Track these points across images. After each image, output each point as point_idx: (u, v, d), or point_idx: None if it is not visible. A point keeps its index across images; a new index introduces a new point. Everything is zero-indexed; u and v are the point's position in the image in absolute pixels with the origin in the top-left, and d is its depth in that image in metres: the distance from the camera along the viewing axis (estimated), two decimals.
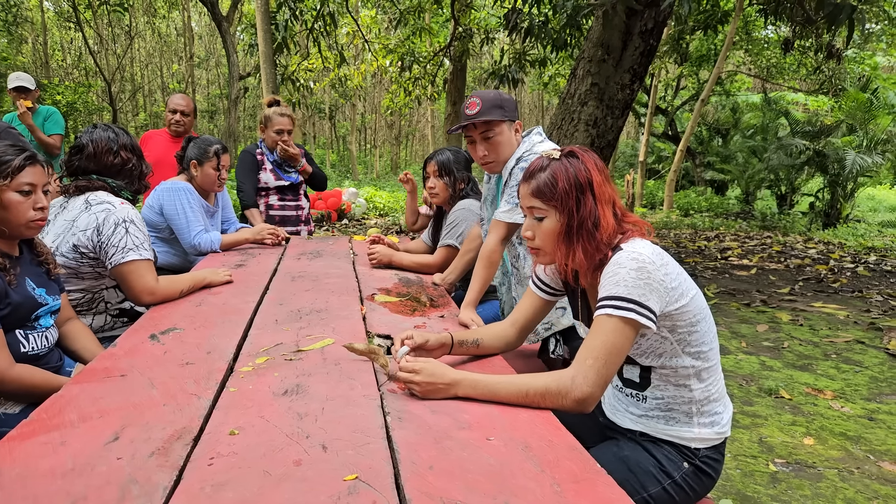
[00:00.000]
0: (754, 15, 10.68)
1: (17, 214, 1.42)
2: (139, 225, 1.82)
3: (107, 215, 1.77)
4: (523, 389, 1.14)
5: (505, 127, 1.88)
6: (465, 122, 1.87)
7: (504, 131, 1.88)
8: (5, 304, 1.40)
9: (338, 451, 0.94)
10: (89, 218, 1.78)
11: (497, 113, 1.85)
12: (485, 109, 1.84)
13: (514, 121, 1.90)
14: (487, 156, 1.90)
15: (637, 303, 1.13)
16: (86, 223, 1.78)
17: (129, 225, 1.78)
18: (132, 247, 1.77)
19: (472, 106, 1.87)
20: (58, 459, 0.89)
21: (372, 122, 26.84)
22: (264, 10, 5.76)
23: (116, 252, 1.75)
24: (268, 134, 3.13)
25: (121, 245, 1.76)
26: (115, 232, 1.76)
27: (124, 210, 1.80)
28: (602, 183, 1.23)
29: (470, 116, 1.86)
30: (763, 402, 2.94)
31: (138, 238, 1.79)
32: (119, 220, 1.77)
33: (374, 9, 11.18)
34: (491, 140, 1.88)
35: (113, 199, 1.84)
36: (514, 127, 1.91)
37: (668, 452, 1.26)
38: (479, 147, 1.90)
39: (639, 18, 4.75)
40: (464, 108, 1.89)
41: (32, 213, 1.45)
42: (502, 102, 1.86)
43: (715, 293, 5.24)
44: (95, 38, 17.67)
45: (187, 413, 1.06)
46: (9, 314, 1.41)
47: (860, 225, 9.75)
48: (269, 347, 1.43)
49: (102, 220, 1.77)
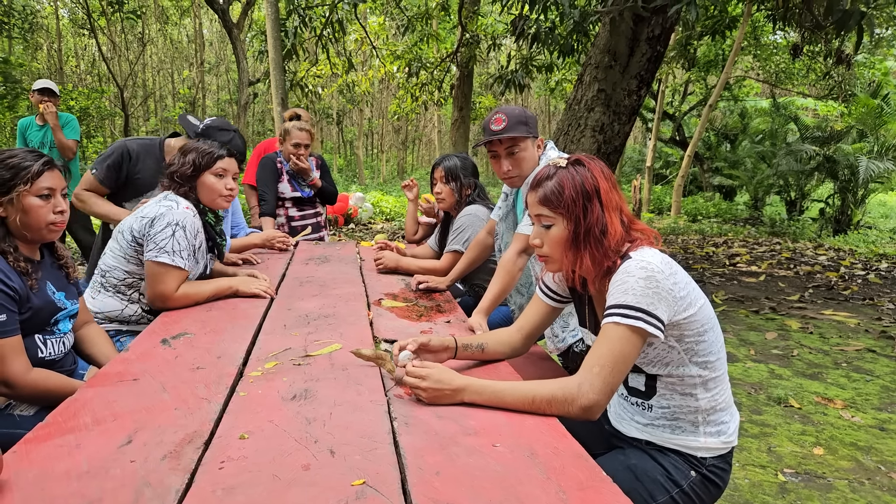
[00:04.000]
0: (762, 20, 10.64)
1: (38, 218, 1.46)
2: (188, 233, 1.87)
3: (165, 211, 1.86)
4: (529, 396, 1.14)
5: (529, 143, 1.92)
6: (490, 137, 1.90)
7: (528, 147, 1.92)
8: (26, 308, 1.43)
9: (345, 456, 0.95)
10: (154, 209, 1.88)
11: (522, 129, 1.88)
12: (510, 125, 1.87)
13: (536, 137, 1.93)
14: (511, 171, 1.93)
15: (645, 311, 1.13)
16: (148, 212, 1.88)
17: (177, 228, 1.84)
18: (169, 250, 1.82)
19: (497, 122, 1.90)
20: (73, 462, 0.91)
21: (379, 127, 26.96)
22: (274, 18, 5.83)
23: (154, 248, 1.82)
24: (286, 146, 3.19)
25: (161, 244, 1.82)
26: (164, 230, 1.83)
27: (182, 214, 1.87)
28: (609, 190, 1.24)
29: (496, 132, 1.89)
30: (772, 410, 2.92)
31: (180, 245, 1.84)
32: (173, 220, 1.84)
33: (383, 16, 11.26)
34: (516, 155, 1.91)
35: (180, 201, 1.93)
36: (537, 143, 1.95)
37: (674, 461, 1.26)
38: (504, 162, 1.93)
39: (646, 25, 4.75)
40: (488, 124, 1.92)
41: (52, 216, 1.49)
42: (527, 119, 1.90)
43: (723, 300, 5.21)
44: (109, 44, 17.90)
45: (198, 417, 1.08)
46: (29, 318, 1.44)
47: (871, 231, 9.65)
48: (278, 352, 1.45)
49: (159, 215, 1.85)
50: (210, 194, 2.01)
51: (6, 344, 1.34)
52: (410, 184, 3.11)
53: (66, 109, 11.84)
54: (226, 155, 2.03)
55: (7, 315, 1.35)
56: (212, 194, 2.01)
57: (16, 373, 1.35)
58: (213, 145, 2.03)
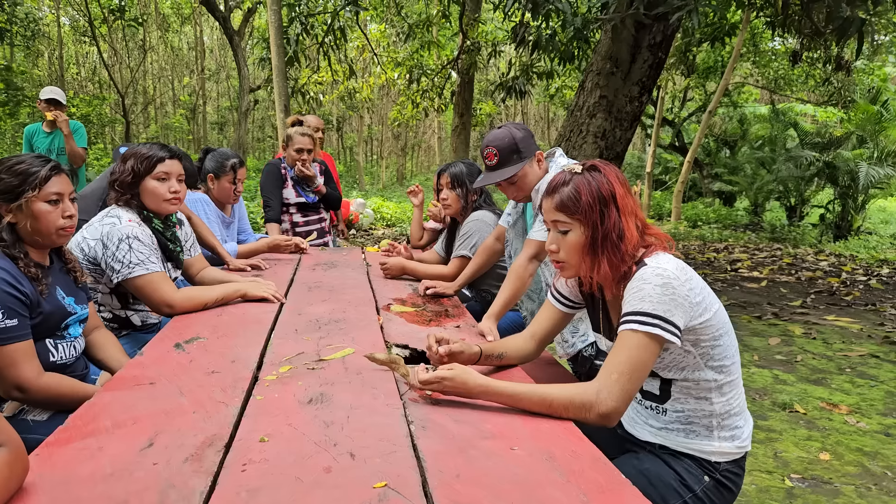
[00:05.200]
0: (762, 27, 10.71)
1: (48, 223, 1.47)
2: (143, 241, 1.83)
3: (110, 229, 1.80)
4: (547, 400, 1.15)
5: (526, 167, 1.92)
6: (487, 179, 1.95)
7: (527, 171, 1.92)
8: (37, 313, 1.43)
9: (366, 459, 0.96)
10: (98, 229, 1.83)
11: (515, 160, 1.89)
12: (503, 158, 1.89)
13: (532, 155, 1.93)
14: (518, 195, 1.98)
15: (662, 318, 1.14)
16: (92, 232, 1.83)
17: (131, 241, 1.80)
18: (136, 262, 1.79)
19: (489, 157, 1.91)
20: (97, 464, 0.92)
21: (379, 134, 27.02)
22: (277, 25, 5.86)
23: (123, 268, 1.78)
24: (288, 152, 3.20)
25: (125, 261, 1.78)
26: (120, 247, 1.78)
27: (127, 228, 1.82)
28: (625, 195, 1.25)
29: (491, 168, 1.92)
30: (777, 416, 2.93)
31: (143, 253, 1.81)
32: (123, 235, 1.79)
33: (384, 23, 11.32)
34: (517, 184, 1.94)
35: (122, 215, 1.86)
36: (536, 158, 1.94)
37: (688, 466, 1.27)
38: (508, 191, 1.98)
39: (647, 32, 4.79)
40: (483, 157, 1.95)
41: (62, 220, 1.49)
42: (517, 144, 1.89)
43: (726, 305, 5.18)
44: (110, 51, 17.97)
45: (216, 420, 1.09)
46: (40, 323, 1.45)
47: (872, 237, 9.67)
48: (292, 357, 1.45)
49: (106, 234, 1.80)
50: (154, 200, 1.92)
51: (18, 349, 1.35)
52: (416, 189, 3.12)
53: (69, 116, 11.84)
54: (167, 157, 1.93)
55: (18, 320, 1.35)
56: (156, 200, 1.92)
57: (28, 377, 1.36)
58: (152, 148, 1.94)
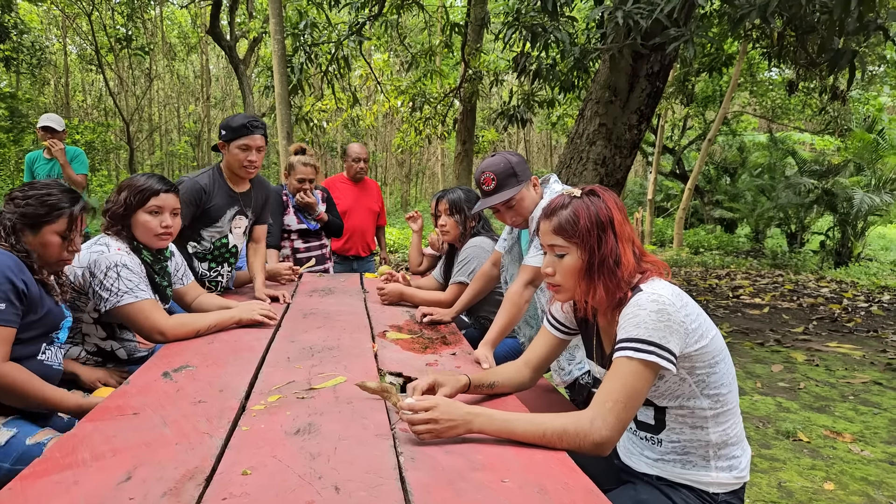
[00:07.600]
0: (758, 58, 10.88)
1: (52, 254, 1.56)
2: (131, 268, 1.80)
3: (98, 257, 1.78)
4: (540, 429, 1.12)
5: (523, 190, 1.94)
6: (485, 203, 1.97)
7: (523, 195, 1.95)
8: (42, 307, 1.50)
9: (350, 493, 0.93)
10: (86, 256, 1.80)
11: (513, 183, 1.92)
12: (500, 182, 1.92)
13: (528, 179, 1.96)
14: (516, 220, 1.99)
15: (658, 345, 1.12)
16: (81, 260, 1.80)
17: (120, 269, 1.77)
18: (125, 289, 1.76)
19: (487, 182, 1.94)
20: (70, 500, 0.89)
21: (382, 160, 27.28)
22: (281, 54, 5.96)
23: (111, 296, 1.75)
24: (290, 181, 3.23)
25: (114, 289, 1.75)
26: (108, 275, 1.76)
27: (116, 256, 1.79)
28: (622, 222, 1.25)
29: (488, 192, 1.95)
30: (781, 444, 2.87)
31: (132, 280, 1.78)
32: (111, 263, 1.77)
33: (387, 52, 11.53)
34: (514, 207, 1.95)
35: (111, 244, 1.84)
36: (532, 183, 1.97)
37: (686, 497, 1.23)
38: (506, 216, 1.99)
39: (645, 61, 4.86)
40: (479, 183, 1.97)
41: (65, 254, 1.59)
42: (513, 168, 1.93)
43: (728, 332, 5.17)
44: (116, 79, 18.28)
45: (199, 452, 1.06)
46: (42, 318, 1.50)
47: (872, 264, 9.65)
48: (281, 385, 1.43)
49: (94, 262, 1.77)
50: (145, 234, 1.89)
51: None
52: (415, 216, 3.12)
53: (72, 143, 12.01)
54: (161, 190, 1.89)
55: (6, 305, 1.40)
56: (146, 233, 1.89)
57: None
58: (148, 181, 1.91)
